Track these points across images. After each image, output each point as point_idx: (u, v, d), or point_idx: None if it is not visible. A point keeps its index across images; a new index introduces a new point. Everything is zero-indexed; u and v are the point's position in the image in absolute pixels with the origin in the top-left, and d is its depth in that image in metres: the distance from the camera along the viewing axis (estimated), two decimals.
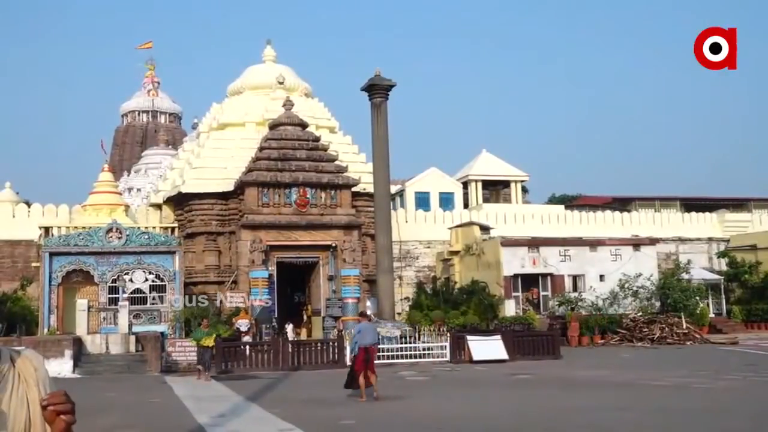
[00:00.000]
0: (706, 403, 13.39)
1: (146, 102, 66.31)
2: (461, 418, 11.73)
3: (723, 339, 29.43)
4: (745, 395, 14.41)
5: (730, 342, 28.29)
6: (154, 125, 64.77)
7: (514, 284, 31.43)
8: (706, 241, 39.87)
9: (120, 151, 63.25)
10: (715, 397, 14.25)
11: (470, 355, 22.58)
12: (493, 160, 44.21)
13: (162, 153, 54.72)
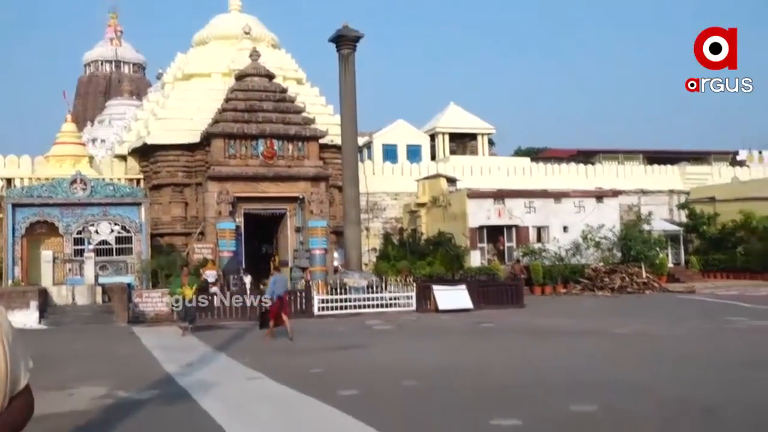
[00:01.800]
0: (664, 349, 13.73)
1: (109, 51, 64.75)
2: (426, 366, 11.87)
3: (681, 288, 30.09)
4: (700, 341, 14.80)
5: (688, 291, 28.95)
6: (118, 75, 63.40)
7: (479, 235, 31.66)
8: (667, 193, 40.48)
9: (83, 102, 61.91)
10: (672, 343, 14.61)
11: (436, 304, 22.82)
12: (460, 113, 44.09)
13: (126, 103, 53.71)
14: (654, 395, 8.92)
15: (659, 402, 8.55)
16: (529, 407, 8.25)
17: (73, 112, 40.77)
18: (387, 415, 7.95)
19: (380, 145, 40.88)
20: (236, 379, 11.06)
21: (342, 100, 26.99)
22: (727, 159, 47.84)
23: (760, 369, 10.87)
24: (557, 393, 9.11)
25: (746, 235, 35.14)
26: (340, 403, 8.67)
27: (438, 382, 10.27)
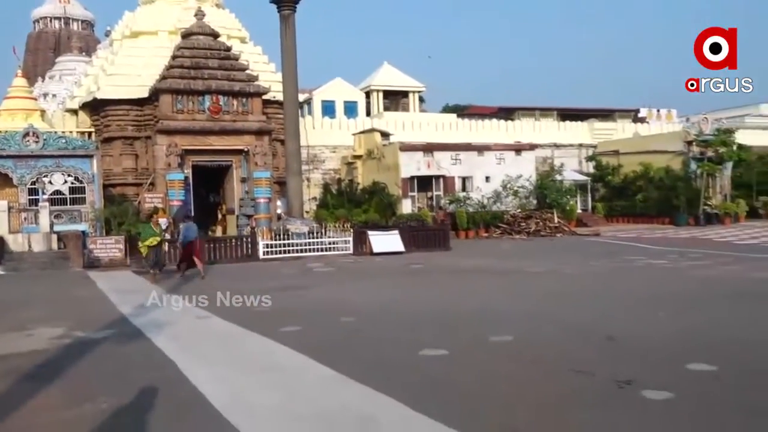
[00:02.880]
0: (572, 285, 14.18)
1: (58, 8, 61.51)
2: (362, 303, 12.00)
3: (588, 231, 30.99)
4: (604, 278, 15.33)
5: (594, 234, 29.84)
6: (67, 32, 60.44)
7: (410, 185, 31.83)
8: (578, 146, 41.32)
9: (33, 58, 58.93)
10: (579, 280, 15.08)
11: (371, 248, 22.96)
12: (393, 72, 43.85)
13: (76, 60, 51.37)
14: (562, 325, 9.24)
15: (567, 331, 8.86)
16: (454, 338, 8.44)
17: (23, 67, 38.75)
18: (326, 348, 8.02)
19: (320, 101, 40.39)
20: (187, 318, 10.97)
21: (283, 58, 26.44)
22: (630, 116, 49.00)
23: (654, 302, 11.36)
24: (479, 326, 9.35)
25: (645, 184, 36.27)
26: (283, 338, 8.70)
27: (373, 318, 10.40)
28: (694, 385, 6.11)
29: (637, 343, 7.96)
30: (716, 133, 35.97)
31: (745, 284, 13.49)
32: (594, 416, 5.35)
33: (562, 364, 7.02)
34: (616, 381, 6.19)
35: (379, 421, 5.32)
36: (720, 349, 7.45)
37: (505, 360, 7.35)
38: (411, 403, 5.64)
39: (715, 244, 23.56)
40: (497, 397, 5.89)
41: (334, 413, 5.59)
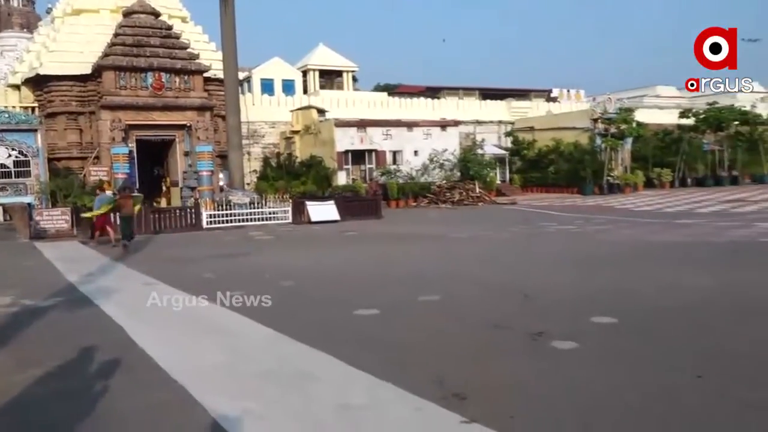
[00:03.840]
0: (492, 248, 14.49)
1: None
2: (301, 268, 11.95)
3: (506, 200, 31.65)
4: (520, 242, 15.72)
5: (511, 202, 30.50)
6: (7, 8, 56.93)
7: (345, 158, 31.71)
8: (497, 123, 41.91)
9: None
10: (498, 244, 15.43)
11: (309, 217, 22.84)
12: (328, 53, 43.29)
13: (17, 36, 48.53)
14: (484, 285, 9.45)
15: (488, 290, 9.07)
16: (386, 299, 8.51)
17: None
18: (266, 311, 7.97)
19: (259, 79, 39.50)
20: (134, 285, 10.66)
21: (223, 38, 25.66)
22: (544, 96, 49.94)
23: (564, 263, 11.73)
24: (408, 287, 9.44)
25: (556, 158, 37.21)
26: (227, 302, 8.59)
27: (311, 282, 10.37)
28: (596, 335, 6.36)
29: (548, 300, 8.22)
30: (618, 112, 37.10)
31: (642, 246, 14.09)
32: (510, 364, 5.52)
33: (483, 319, 7.19)
34: (530, 334, 6.38)
35: (319, 377, 5.34)
36: (619, 304, 7.76)
37: (432, 317, 7.47)
38: (347, 359, 5.68)
39: (616, 210, 24.44)
40: (425, 351, 5.99)
41: (276, 370, 5.58)
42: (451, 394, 4.72)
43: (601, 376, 5.09)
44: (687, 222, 19.13)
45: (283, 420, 4.45)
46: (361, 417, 4.43)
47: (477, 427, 4.12)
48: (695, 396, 4.59)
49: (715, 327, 6.59)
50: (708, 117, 39.98)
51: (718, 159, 41.14)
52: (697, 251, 12.88)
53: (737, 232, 15.91)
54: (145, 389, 5.19)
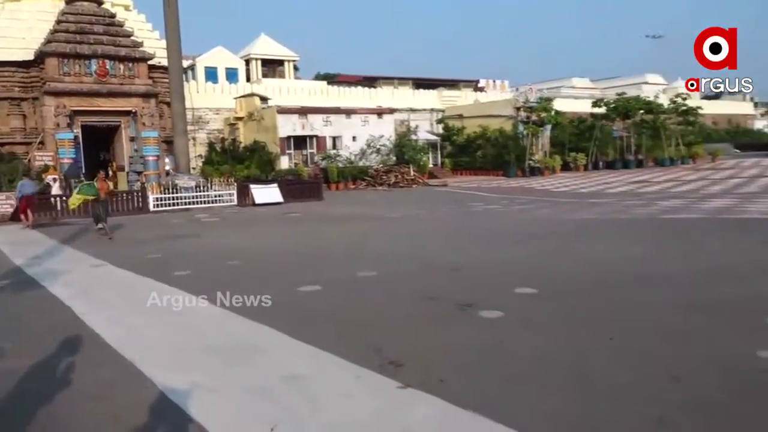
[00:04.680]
0: (425, 227, 14.64)
1: None
2: (246, 248, 11.77)
3: (438, 183, 31.96)
4: (451, 221, 15.94)
5: (443, 185, 30.84)
6: None
7: (287, 144, 31.28)
8: (429, 111, 42.15)
9: None
10: (431, 223, 15.59)
11: (253, 199, 22.48)
12: (270, 42, 42.41)
13: None
14: (417, 260, 9.55)
15: (421, 265, 9.17)
16: (328, 275, 8.49)
17: None
18: (214, 287, 7.81)
19: (203, 67, 38.32)
20: (81, 267, 10.26)
21: (167, 25, 24.78)
22: (472, 86, 50.47)
23: (490, 239, 11.98)
24: (348, 264, 9.45)
25: (483, 143, 37.75)
26: (174, 281, 8.39)
27: (256, 260, 10.24)
28: (519, 304, 6.54)
29: (476, 273, 8.39)
30: (539, 101, 37.93)
31: (559, 223, 14.53)
32: (442, 333, 5.62)
33: (417, 292, 7.28)
34: (459, 305, 6.51)
35: (265, 350, 5.30)
36: (540, 276, 8.00)
37: (370, 292, 7.51)
38: (291, 333, 5.65)
39: (537, 191, 25.09)
40: (364, 323, 6.03)
41: (224, 345, 5.50)
42: (388, 362, 4.77)
43: (524, 341, 5.25)
44: (598, 201, 19.83)
45: (231, 391, 4.40)
46: (305, 386, 4.43)
47: (412, 392, 4.19)
48: (607, 355, 4.79)
49: (622, 293, 6.88)
50: (617, 106, 41.41)
51: (625, 144, 42.72)
52: (607, 227, 13.39)
53: (641, 210, 16.62)
54: (95, 366, 5.03)
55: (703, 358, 4.61)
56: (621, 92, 43.90)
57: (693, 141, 46.33)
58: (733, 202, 17.88)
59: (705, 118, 52.44)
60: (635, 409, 3.72)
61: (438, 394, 4.08)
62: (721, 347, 4.85)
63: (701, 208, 16.58)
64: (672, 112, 44.17)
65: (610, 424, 3.55)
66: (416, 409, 3.92)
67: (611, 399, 3.91)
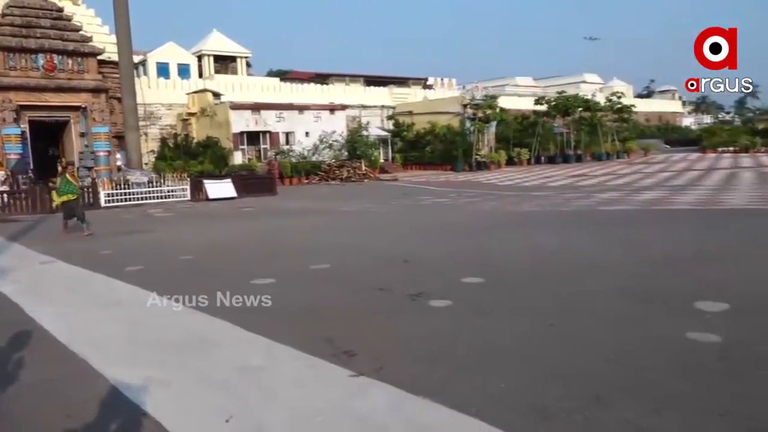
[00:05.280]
0: (377, 220, 14.66)
1: None
2: (200, 242, 11.53)
3: (389, 177, 32.09)
4: (402, 214, 16.01)
5: (393, 179, 30.97)
6: None
7: (240, 139, 30.82)
8: (380, 107, 42.20)
9: None
10: (382, 216, 15.62)
11: (207, 194, 22.07)
12: (222, 39, 41.53)
13: None
14: (369, 253, 9.54)
15: (372, 257, 9.17)
16: (281, 268, 8.39)
17: None
18: (167, 283, 7.62)
19: (154, 63, 37.21)
20: (30, 263, 9.83)
21: (116, 20, 23.97)
22: (421, 83, 50.74)
23: (439, 231, 12.08)
24: (301, 257, 9.36)
25: (432, 139, 38.09)
26: (126, 276, 8.13)
27: (210, 255, 10.04)
28: (467, 293, 6.62)
29: (426, 264, 8.44)
30: (485, 99, 38.47)
31: (504, 215, 14.79)
32: (394, 322, 5.63)
33: (369, 284, 7.27)
34: (410, 295, 6.53)
35: (219, 343, 5.20)
36: (486, 265, 8.12)
37: (322, 284, 7.46)
38: (245, 325, 5.56)
39: (483, 185, 25.47)
40: (317, 314, 5.99)
41: (177, 339, 5.37)
42: (341, 351, 4.75)
43: (472, 328, 5.31)
44: (541, 194, 20.27)
45: (186, 384, 4.30)
46: (259, 376, 4.36)
47: (364, 380, 4.18)
48: (549, 339, 4.90)
49: (564, 281, 7.05)
50: (558, 104, 42.41)
51: (566, 140, 43.82)
52: (549, 219, 13.71)
53: (580, 202, 17.07)
54: (45, 363, 4.83)
55: (638, 341, 4.77)
56: (561, 91, 44.96)
57: (627, 137, 47.93)
58: (664, 194, 18.58)
59: (638, 115, 54.29)
60: (576, 390, 3.82)
61: (390, 382, 4.08)
62: (655, 330, 5.03)
63: (635, 200, 17.16)
64: (608, 110, 45.54)
65: (554, 405, 3.63)
66: (369, 397, 3.91)
67: (554, 381, 4.00)
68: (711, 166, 32.14)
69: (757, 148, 44.74)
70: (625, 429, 3.30)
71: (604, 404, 3.60)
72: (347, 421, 3.61)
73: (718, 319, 5.23)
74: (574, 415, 3.48)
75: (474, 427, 3.43)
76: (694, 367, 4.17)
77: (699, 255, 8.39)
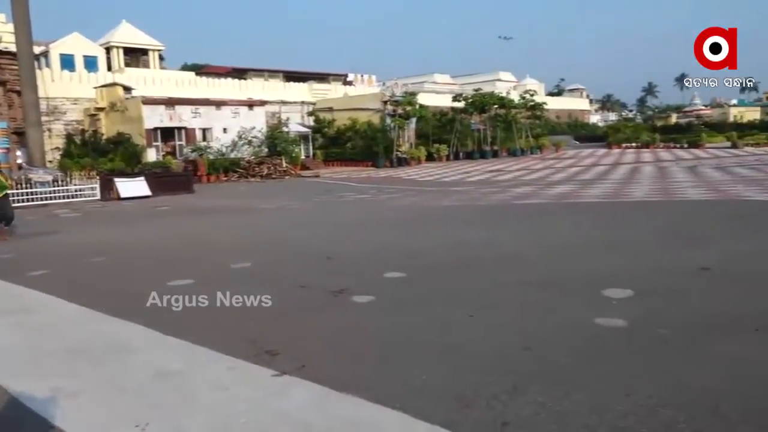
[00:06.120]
0: (298, 217, 14.53)
1: None
2: (112, 243, 10.99)
3: (310, 174, 31.86)
4: (323, 210, 15.95)
5: (315, 176, 30.78)
6: None
7: (154, 136, 29.63)
8: (300, 103, 41.82)
9: None
10: (303, 213, 15.50)
11: (118, 193, 21.07)
12: (132, 30, 39.73)
13: None
14: (291, 250, 9.45)
15: (294, 254, 9.08)
16: (200, 269, 8.15)
17: None
18: (76, 288, 7.23)
19: (58, 54, 35.08)
20: None
21: (13, 7, 22.37)
22: (341, 80, 50.74)
23: (361, 227, 12.13)
24: (221, 256, 9.13)
25: (353, 135, 38.16)
26: (30, 282, 7.64)
27: (123, 257, 9.60)
28: (389, 288, 6.69)
29: (348, 260, 8.46)
30: (404, 95, 38.95)
31: (425, 210, 15.05)
32: (317, 319, 5.61)
33: (290, 281, 7.19)
34: (333, 291, 6.52)
35: (134, 349, 4.98)
36: (408, 260, 8.22)
37: (244, 283, 7.30)
38: (161, 329, 5.36)
39: (404, 181, 25.79)
40: (238, 314, 5.86)
41: (88, 346, 5.10)
42: (263, 351, 4.68)
43: (395, 322, 5.38)
44: (460, 189, 20.77)
45: (98, 393, 4.09)
46: (178, 381, 4.22)
47: (288, 378, 4.14)
48: (467, 330, 5.04)
49: (482, 273, 7.27)
50: (474, 101, 43.57)
51: (483, 136, 45.11)
52: (467, 213, 14.08)
53: (497, 196, 17.64)
54: None
55: (551, 329, 4.99)
56: (478, 88, 46.24)
57: (540, 133, 49.96)
58: (574, 188, 19.52)
59: (549, 112, 56.70)
60: (494, 378, 3.95)
61: (314, 379, 4.06)
62: (567, 318, 5.28)
63: (547, 193, 17.93)
64: (522, 107, 47.27)
65: (473, 393, 3.74)
66: (292, 395, 3.88)
67: (474, 370, 4.12)
68: (616, 161, 34.07)
69: (657, 144, 47.90)
70: (539, 413, 3.45)
71: (520, 390, 3.75)
72: (271, 422, 3.56)
73: (624, 305, 5.56)
74: (493, 402, 3.60)
75: (396, 419, 3.48)
76: (602, 351, 4.42)
77: (605, 245, 8.89)
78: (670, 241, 9.09)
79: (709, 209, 13.11)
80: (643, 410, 3.41)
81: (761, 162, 28.06)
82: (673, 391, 3.64)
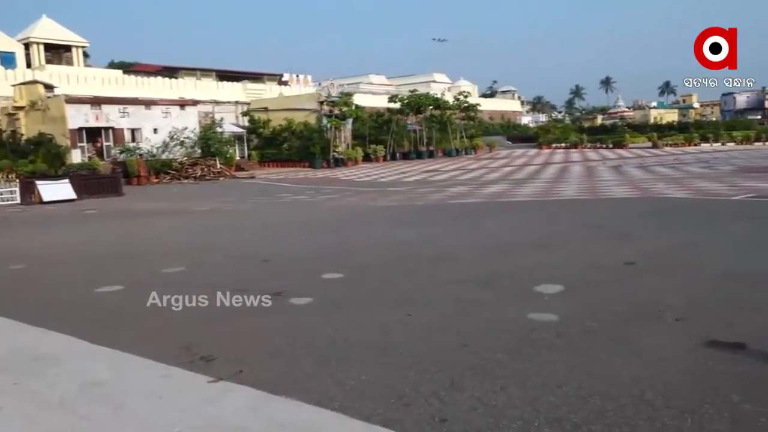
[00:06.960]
0: (232, 219, 14.24)
1: None
2: (34, 249, 10.42)
3: (245, 175, 31.32)
4: (259, 212, 15.71)
5: (250, 177, 30.29)
6: None
7: (79, 136, 28.37)
8: (234, 103, 41.04)
9: None
10: (238, 214, 15.23)
11: (41, 197, 20.03)
12: (53, 26, 37.86)
13: None
14: (227, 253, 9.24)
15: (230, 257, 8.90)
16: (129, 275, 7.86)
17: None
18: None
19: None
20: None
21: None
22: (276, 79, 50.15)
23: (298, 228, 12.02)
24: (152, 261, 8.84)
25: (289, 136, 37.80)
26: None
27: (46, 263, 9.12)
28: (327, 289, 6.66)
29: (285, 262, 8.36)
30: (340, 96, 38.92)
31: (362, 210, 15.08)
32: (254, 323, 5.51)
33: (227, 285, 7.01)
34: (270, 294, 6.43)
35: (59, 359, 4.73)
36: (345, 260, 8.22)
37: (177, 288, 7.08)
38: (90, 338, 5.12)
39: (341, 181, 25.76)
40: (171, 321, 5.69)
41: (8, 358, 4.81)
42: (198, 357, 4.55)
43: (332, 323, 5.35)
44: (397, 189, 20.94)
45: (20, 407, 3.86)
46: (108, 392, 4.05)
47: (224, 384, 4.05)
48: (405, 329, 5.08)
49: (419, 271, 7.35)
50: (410, 102, 44.03)
51: (419, 137, 45.65)
52: (405, 213, 14.21)
53: (433, 196, 17.89)
54: None
55: (486, 325, 5.10)
56: (413, 89, 46.74)
57: (474, 134, 51.03)
58: (507, 187, 20.05)
59: (483, 113, 58.04)
60: (432, 375, 4.00)
61: (250, 384, 3.99)
62: (501, 314, 5.41)
63: (482, 193, 18.33)
64: (456, 108, 48.14)
65: (412, 391, 3.77)
66: (228, 401, 3.80)
67: (412, 368, 4.15)
68: (546, 161, 35.25)
69: (584, 144, 49.87)
70: (476, 407, 3.52)
71: (458, 386, 3.81)
72: (206, 429, 3.47)
73: (555, 300, 5.76)
74: (431, 399, 3.64)
75: (335, 420, 3.46)
76: (534, 345, 4.55)
77: (536, 242, 9.18)
78: (597, 237, 9.49)
79: (632, 207, 13.77)
80: (574, 401, 3.54)
81: (679, 161, 29.76)
82: (602, 382, 3.80)
